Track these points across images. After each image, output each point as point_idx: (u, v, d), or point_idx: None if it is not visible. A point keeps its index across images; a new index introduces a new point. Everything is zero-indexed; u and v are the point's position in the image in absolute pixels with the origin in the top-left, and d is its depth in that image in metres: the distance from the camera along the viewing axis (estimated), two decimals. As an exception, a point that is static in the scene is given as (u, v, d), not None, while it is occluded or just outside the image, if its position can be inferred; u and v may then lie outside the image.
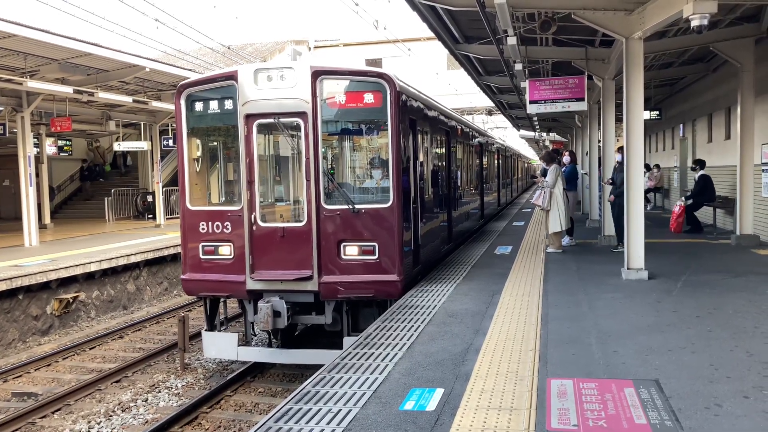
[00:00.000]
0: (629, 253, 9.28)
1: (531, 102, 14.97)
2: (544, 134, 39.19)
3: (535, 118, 27.47)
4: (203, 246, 8.72)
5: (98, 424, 8.04)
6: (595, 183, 17.06)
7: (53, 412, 8.45)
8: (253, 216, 8.47)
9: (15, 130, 17.31)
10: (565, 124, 30.13)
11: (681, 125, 20.58)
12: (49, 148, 23.95)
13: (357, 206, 8.26)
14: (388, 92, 8.19)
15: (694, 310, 7.30)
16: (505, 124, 41.40)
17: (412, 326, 6.87)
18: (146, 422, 8.04)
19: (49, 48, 13.69)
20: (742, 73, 12.26)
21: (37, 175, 19.94)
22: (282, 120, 8.41)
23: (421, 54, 36.14)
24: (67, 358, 10.96)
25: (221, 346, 9.06)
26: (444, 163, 12.48)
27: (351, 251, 8.28)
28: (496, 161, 23.97)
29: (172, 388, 9.18)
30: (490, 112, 39.96)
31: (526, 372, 5.28)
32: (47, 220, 21.86)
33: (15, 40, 12.74)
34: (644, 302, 7.79)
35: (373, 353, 5.96)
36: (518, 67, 13.82)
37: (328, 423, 4.41)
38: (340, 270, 8.29)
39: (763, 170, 12.41)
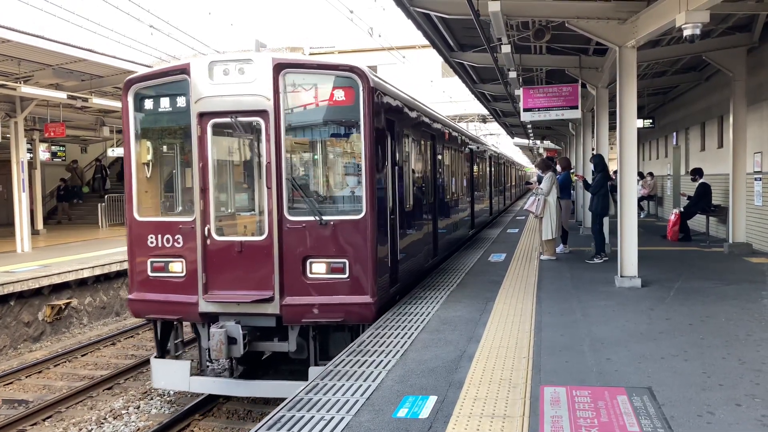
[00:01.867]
0: (622, 260, 9.30)
1: (525, 110, 15.03)
2: (538, 142, 39.37)
3: (529, 126, 27.61)
4: (152, 262, 7.79)
5: (89, 431, 7.99)
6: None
7: (44, 420, 8.39)
8: (207, 228, 7.54)
9: (8, 135, 17.26)
10: (559, 131, 30.28)
11: (674, 133, 20.68)
12: (43, 153, 23.89)
13: (325, 218, 7.35)
14: (361, 88, 7.32)
15: (687, 317, 7.32)
16: (499, 131, 41.47)
17: (406, 333, 6.86)
18: (138, 430, 8.00)
19: (43, 53, 13.66)
20: (735, 82, 12.35)
21: (30, 181, 19.87)
22: (240, 119, 7.50)
23: (416, 61, 36.26)
24: (59, 365, 10.89)
25: (171, 376, 8.03)
26: (429, 169, 11.52)
27: (318, 269, 7.38)
28: (488, 168, 23.02)
29: (164, 395, 9.13)
30: (484, 120, 40.08)
31: (519, 379, 5.27)
32: (40, 225, 21.76)
33: (9, 45, 12.72)
34: (637, 310, 7.81)
35: (366, 360, 5.95)
36: (512, 75, 13.89)
37: (321, 430, 4.39)
38: (306, 290, 7.36)
39: (756, 179, 12.49)
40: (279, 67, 7.36)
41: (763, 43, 11.92)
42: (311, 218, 7.37)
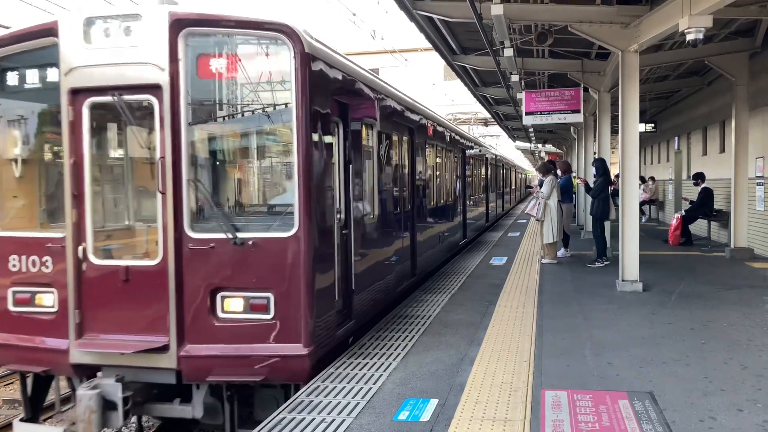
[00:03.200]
0: (624, 264, 9.29)
1: (527, 113, 15.07)
2: (539, 146, 39.40)
3: (531, 130, 27.62)
4: (14, 292, 5.84)
5: None
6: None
7: None
8: (81, 248, 5.59)
9: None
10: (561, 135, 30.32)
11: (676, 138, 20.68)
12: None
13: (242, 235, 5.40)
14: (292, 55, 5.36)
15: (689, 322, 7.31)
16: (498, 132, 41.38)
17: (407, 336, 6.85)
18: None
19: None
20: (737, 87, 12.36)
21: None
22: (125, 98, 5.52)
23: (418, 64, 36.34)
24: None
25: None
26: (405, 170, 9.47)
27: (232, 306, 5.46)
28: (484, 171, 20.63)
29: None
30: (485, 123, 40.14)
31: (520, 383, 5.27)
32: None
33: None
34: (639, 314, 7.80)
35: (367, 363, 5.94)
36: (515, 78, 13.94)
37: (322, 433, 4.39)
38: (215, 336, 5.43)
39: (758, 183, 12.48)
40: (178, 25, 5.42)
41: (765, 48, 11.92)
42: (222, 236, 5.42)
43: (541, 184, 12.71)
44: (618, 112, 9.52)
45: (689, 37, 7.79)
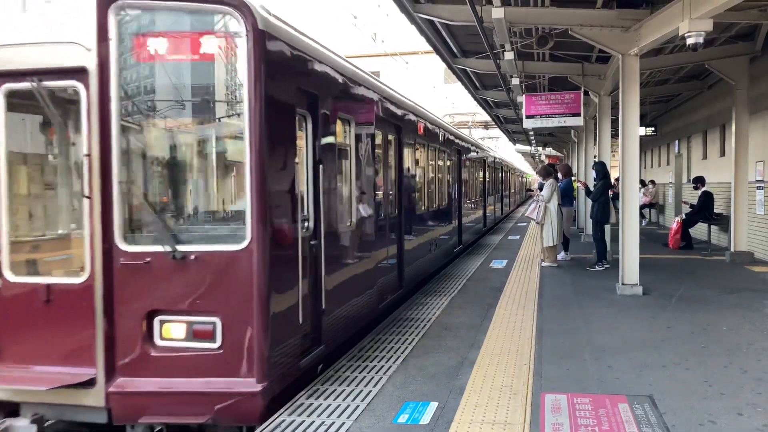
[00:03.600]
0: (624, 268, 9.29)
1: (527, 117, 15.07)
2: (540, 149, 39.42)
3: (532, 133, 27.66)
4: None
5: None
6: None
7: None
8: None
9: None
10: (561, 138, 30.35)
11: (676, 141, 20.70)
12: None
13: (183, 248, 4.62)
14: (244, 32, 4.56)
15: (689, 326, 7.31)
16: (498, 135, 41.37)
17: (407, 339, 6.85)
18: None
19: None
20: (737, 91, 12.38)
21: None
22: (45, 84, 4.74)
23: (419, 67, 36.38)
24: None
25: None
26: (392, 172, 8.63)
27: (173, 332, 4.68)
28: (482, 173, 19.67)
29: None
30: (486, 126, 40.17)
31: (520, 386, 5.26)
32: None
33: None
34: (639, 318, 7.80)
35: (367, 365, 5.94)
36: (515, 81, 13.96)
37: (321, 435, 4.38)
38: (151, 368, 4.67)
39: (758, 187, 12.49)
40: None
41: (765, 52, 11.94)
42: (160, 249, 4.64)
43: (541, 188, 12.72)
44: (618, 116, 9.53)
45: (689, 41, 7.80)
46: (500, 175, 26.55)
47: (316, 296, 5.69)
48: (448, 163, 13.41)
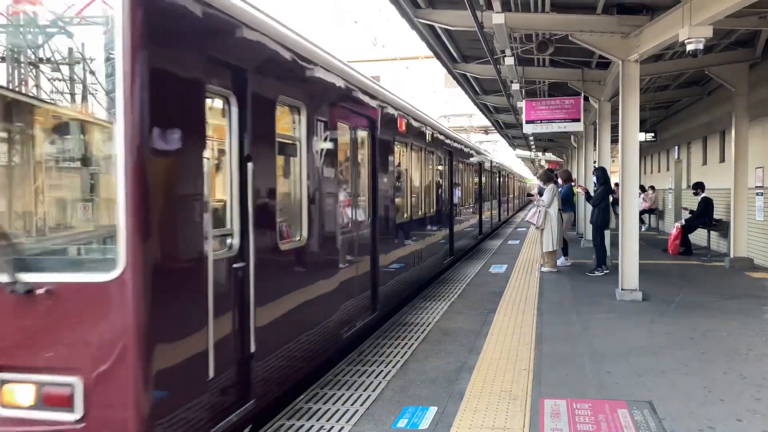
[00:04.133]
0: (623, 273, 9.29)
1: (527, 122, 15.09)
2: (540, 154, 39.46)
3: (531, 138, 27.66)
4: None
5: None
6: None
7: None
8: None
9: None
10: (561, 144, 30.35)
11: (676, 147, 20.72)
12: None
13: (30, 278, 3.39)
14: None
15: (688, 331, 7.30)
16: (497, 138, 41.38)
17: (406, 344, 6.85)
18: None
19: None
20: (737, 97, 12.40)
21: None
22: None
23: (419, 72, 36.46)
24: None
25: None
26: (362, 175, 7.34)
27: (16, 397, 3.45)
28: (476, 178, 18.15)
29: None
30: (486, 131, 40.23)
31: (519, 391, 5.26)
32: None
33: None
34: (638, 323, 7.79)
35: (366, 370, 5.94)
36: (515, 87, 13.97)
37: (320, 440, 4.37)
38: None
39: (757, 193, 12.50)
40: None
41: (765, 58, 11.96)
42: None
43: (541, 193, 12.73)
44: (618, 121, 9.54)
45: (689, 48, 7.82)
46: (498, 179, 25.35)
47: (242, 337, 4.27)
48: (438, 165, 11.98)
